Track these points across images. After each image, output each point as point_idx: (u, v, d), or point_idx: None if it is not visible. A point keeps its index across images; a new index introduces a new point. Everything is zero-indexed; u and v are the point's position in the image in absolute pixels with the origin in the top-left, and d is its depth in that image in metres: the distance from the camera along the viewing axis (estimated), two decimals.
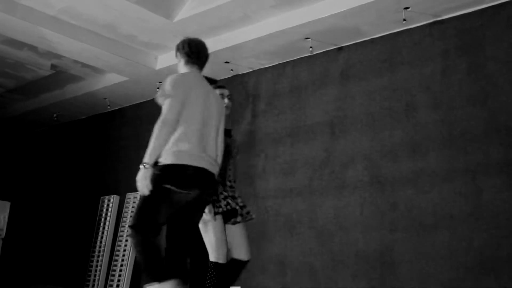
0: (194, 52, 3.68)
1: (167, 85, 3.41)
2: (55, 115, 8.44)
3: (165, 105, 3.40)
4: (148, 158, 3.22)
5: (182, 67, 3.69)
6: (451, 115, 4.97)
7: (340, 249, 5.33)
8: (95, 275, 7.07)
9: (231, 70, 6.57)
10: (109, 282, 6.86)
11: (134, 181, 3.32)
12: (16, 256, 4.72)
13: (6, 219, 6.79)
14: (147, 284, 3.21)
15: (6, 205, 6.86)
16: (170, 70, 6.61)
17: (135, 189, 7.06)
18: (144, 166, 3.21)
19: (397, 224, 5.05)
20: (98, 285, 6.91)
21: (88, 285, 7.07)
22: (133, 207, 7.05)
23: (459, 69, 5.02)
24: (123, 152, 7.75)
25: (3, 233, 6.77)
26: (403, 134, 5.20)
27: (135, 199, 7.06)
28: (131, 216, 6.51)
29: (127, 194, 7.24)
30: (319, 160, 5.70)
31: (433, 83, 5.14)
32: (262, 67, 6.47)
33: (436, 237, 4.81)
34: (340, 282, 5.25)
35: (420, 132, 5.10)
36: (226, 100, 4.07)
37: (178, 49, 3.70)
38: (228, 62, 6.39)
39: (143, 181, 3.20)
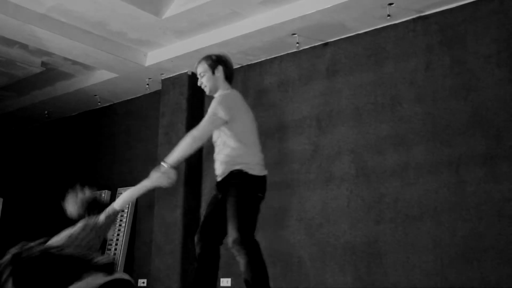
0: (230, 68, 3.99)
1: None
2: (46, 112, 8.49)
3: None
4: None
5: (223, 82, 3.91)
6: (434, 108, 5.07)
7: (328, 241, 5.43)
8: None
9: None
10: None
11: (125, 176, 3.47)
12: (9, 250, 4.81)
13: None
14: None
15: None
16: (159, 66, 6.70)
17: (126, 184, 7.16)
18: (166, 165, 3.51)
19: (383, 216, 5.15)
20: None
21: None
22: None
23: (442, 64, 5.12)
24: (114, 147, 7.82)
25: None
26: (389, 128, 5.30)
27: None
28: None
29: (119, 189, 7.31)
30: (306, 153, 5.80)
31: (417, 77, 5.24)
32: (250, 62, 6.55)
33: (421, 228, 4.92)
34: (328, 273, 5.35)
35: (405, 125, 5.21)
36: None
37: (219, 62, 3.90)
38: None
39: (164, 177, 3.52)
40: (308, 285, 5.45)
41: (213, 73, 3.86)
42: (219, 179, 3.73)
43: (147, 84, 7.22)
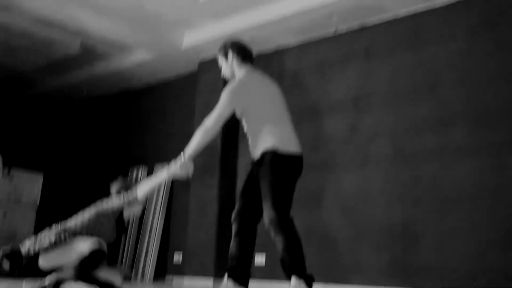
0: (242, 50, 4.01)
1: None
2: (84, 92, 8.64)
3: None
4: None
5: (238, 65, 3.96)
6: (476, 91, 5.02)
7: (363, 222, 5.44)
8: (124, 245, 7.28)
9: (256, 48, 6.65)
10: (137, 253, 7.06)
11: (161, 153, 3.63)
12: (50, 225, 4.92)
13: (40, 190, 7.01)
14: (296, 278, 3.44)
15: (39, 176, 7.07)
16: (196, 47, 6.74)
17: (162, 160, 7.26)
18: (183, 158, 3.68)
19: (420, 198, 5.14)
20: (128, 252, 7.10)
21: (118, 255, 7.27)
22: None
23: (484, 47, 5.06)
24: (150, 126, 7.92)
25: (37, 203, 6.98)
26: (427, 110, 5.27)
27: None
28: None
29: (155, 164, 7.41)
30: (343, 135, 5.80)
31: (458, 60, 5.19)
32: (286, 45, 6.55)
33: (459, 211, 4.90)
34: (362, 254, 5.37)
35: (445, 107, 5.17)
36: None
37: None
38: (252, 41, 6.47)
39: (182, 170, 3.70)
40: (343, 265, 5.47)
41: (226, 59, 3.94)
42: (254, 160, 3.79)
43: (184, 66, 7.27)
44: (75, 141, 9.12)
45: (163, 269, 7.01)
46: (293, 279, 3.44)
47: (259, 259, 6.04)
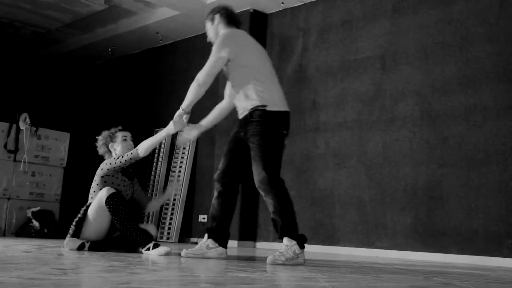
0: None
1: None
2: (109, 50, 8.63)
3: None
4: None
5: (224, 28, 3.90)
6: (506, 48, 4.84)
7: (389, 182, 5.39)
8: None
9: (282, 3, 6.52)
10: (164, 210, 7.16)
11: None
12: (77, 184, 5.00)
13: (67, 149, 7.09)
14: (289, 239, 3.43)
15: (66, 136, 7.14)
16: (221, 3, 6.61)
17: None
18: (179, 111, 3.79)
19: (446, 159, 5.05)
20: (153, 213, 7.21)
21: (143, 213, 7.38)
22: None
23: None
24: (175, 85, 7.89)
25: (64, 163, 7.08)
26: (456, 68, 5.11)
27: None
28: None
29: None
30: (369, 94, 5.69)
31: (490, 15, 4.98)
32: (313, 0, 6.39)
33: (486, 172, 4.80)
34: (388, 215, 5.33)
35: (474, 66, 5.00)
36: (131, 143, 4.29)
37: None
38: None
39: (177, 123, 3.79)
40: (367, 226, 5.46)
41: (212, 23, 3.90)
42: (240, 116, 3.70)
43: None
44: (101, 101, 9.17)
45: (188, 231, 7.10)
46: (286, 240, 3.44)
47: None
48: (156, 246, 3.82)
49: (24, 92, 8.66)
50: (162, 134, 3.94)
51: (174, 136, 7.38)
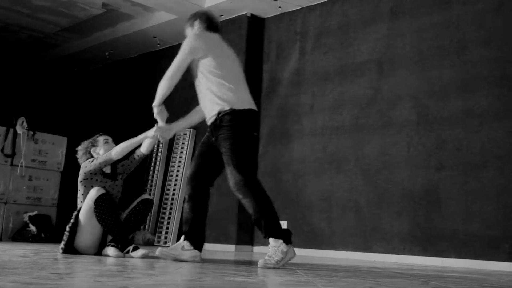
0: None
1: None
2: (107, 54, 8.63)
3: None
4: None
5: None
6: (503, 52, 4.85)
7: (386, 187, 5.39)
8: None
9: (279, 7, 6.53)
10: (161, 215, 7.15)
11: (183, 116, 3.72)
12: (74, 188, 4.97)
13: (64, 154, 7.08)
14: (274, 239, 3.42)
15: (64, 140, 7.12)
16: (218, 7, 6.64)
17: None
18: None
19: (444, 163, 5.05)
20: (151, 217, 7.20)
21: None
22: (182, 143, 7.22)
23: None
24: (174, 89, 7.89)
25: (62, 167, 7.06)
26: (454, 73, 5.12)
27: (185, 135, 7.22)
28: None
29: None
30: (366, 98, 5.70)
31: (487, 19, 5.00)
32: (310, 4, 6.40)
33: (483, 177, 4.80)
34: (384, 219, 5.33)
35: (471, 70, 5.01)
36: (114, 145, 4.36)
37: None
38: None
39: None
40: (364, 230, 5.45)
41: (192, 28, 3.96)
42: (209, 122, 3.70)
43: None
44: (98, 105, 9.16)
45: None
46: (272, 241, 3.43)
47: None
48: (135, 248, 3.96)
49: (21, 96, 8.65)
50: (139, 138, 4.10)
51: (172, 141, 7.40)
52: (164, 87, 3.83)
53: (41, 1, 7.04)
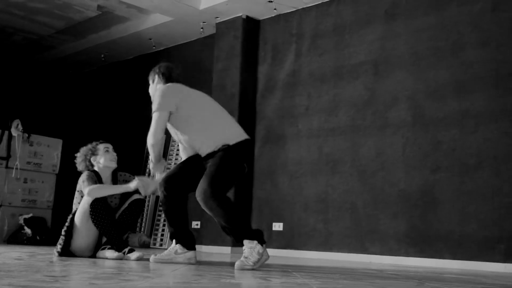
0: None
1: None
2: (102, 56, 8.62)
3: None
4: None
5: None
6: (499, 53, 4.86)
7: (382, 188, 5.39)
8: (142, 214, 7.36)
9: (275, 9, 6.53)
10: (157, 217, 7.14)
11: None
12: (70, 191, 4.95)
13: (59, 156, 7.06)
14: (248, 241, 3.41)
15: (59, 142, 7.11)
16: (214, 9, 6.64)
17: None
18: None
19: (439, 164, 5.06)
20: (146, 220, 7.19)
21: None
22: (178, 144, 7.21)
23: (509, 6, 4.87)
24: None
25: (57, 169, 7.05)
26: (449, 74, 5.13)
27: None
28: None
29: None
30: (362, 99, 5.70)
31: (482, 20, 5.01)
32: (305, 6, 6.40)
33: (479, 177, 4.81)
34: (381, 220, 5.34)
35: (467, 71, 5.02)
36: (114, 154, 4.33)
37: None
38: (271, 1, 6.35)
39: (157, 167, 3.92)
40: (360, 231, 5.45)
41: (153, 82, 4.03)
42: (203, 155, 3.69)
43: (202, 28, 7.18)
44: (94, 107, 9.14)
45: None
46: (246, 243, 3.42)
47: (277, 228, 6.06)
48: (131, 251, 3.95)
49: (16, 98, 8.62)
50: (121, 188, 4.05)
51: (167, 142, 7.40)
52: (153, 151, 3.77)
53: (36, 3, 7.03)
